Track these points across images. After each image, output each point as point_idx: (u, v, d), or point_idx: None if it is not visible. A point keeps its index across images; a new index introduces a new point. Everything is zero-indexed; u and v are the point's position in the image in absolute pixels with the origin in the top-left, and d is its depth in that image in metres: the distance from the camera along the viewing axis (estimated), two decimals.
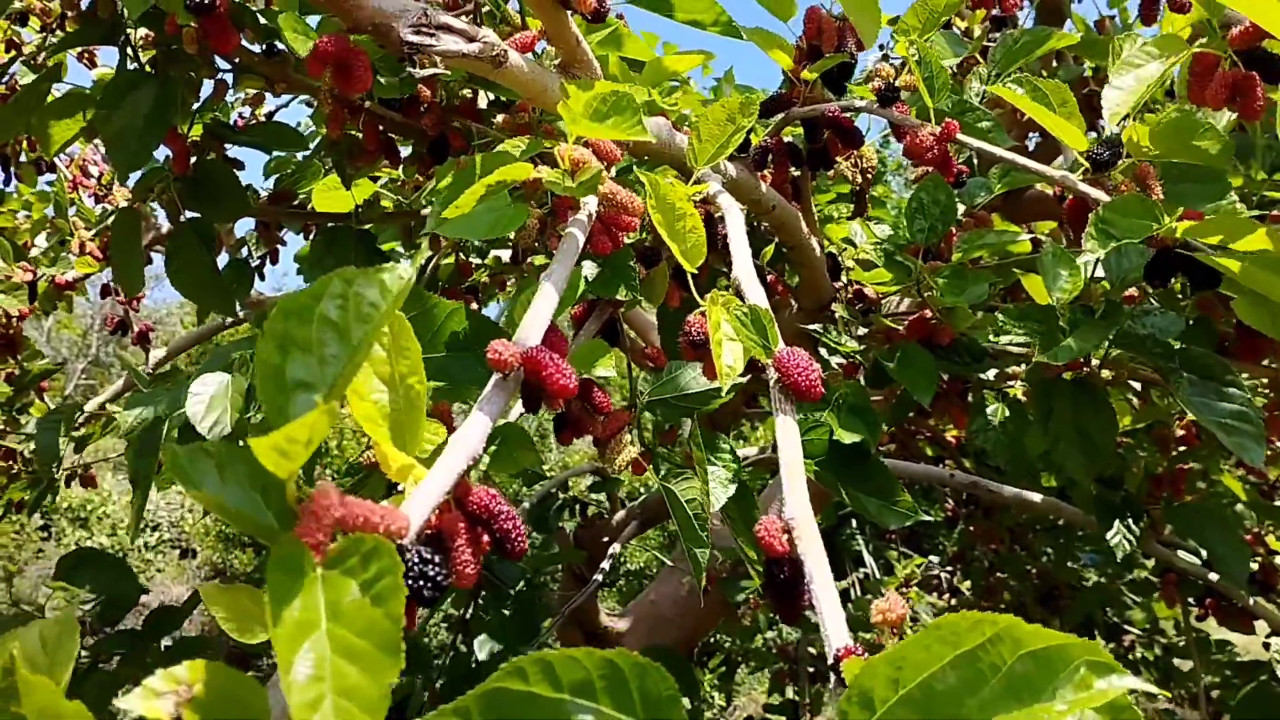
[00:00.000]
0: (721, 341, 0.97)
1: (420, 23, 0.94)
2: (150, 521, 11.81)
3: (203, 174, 1.61)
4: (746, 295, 1.03)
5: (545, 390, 0.82)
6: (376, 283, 0.67)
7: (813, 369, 0.89)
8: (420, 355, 0.75)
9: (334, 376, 0.64)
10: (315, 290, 0.66)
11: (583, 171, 1.00)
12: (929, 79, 1.27)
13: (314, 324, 0.66)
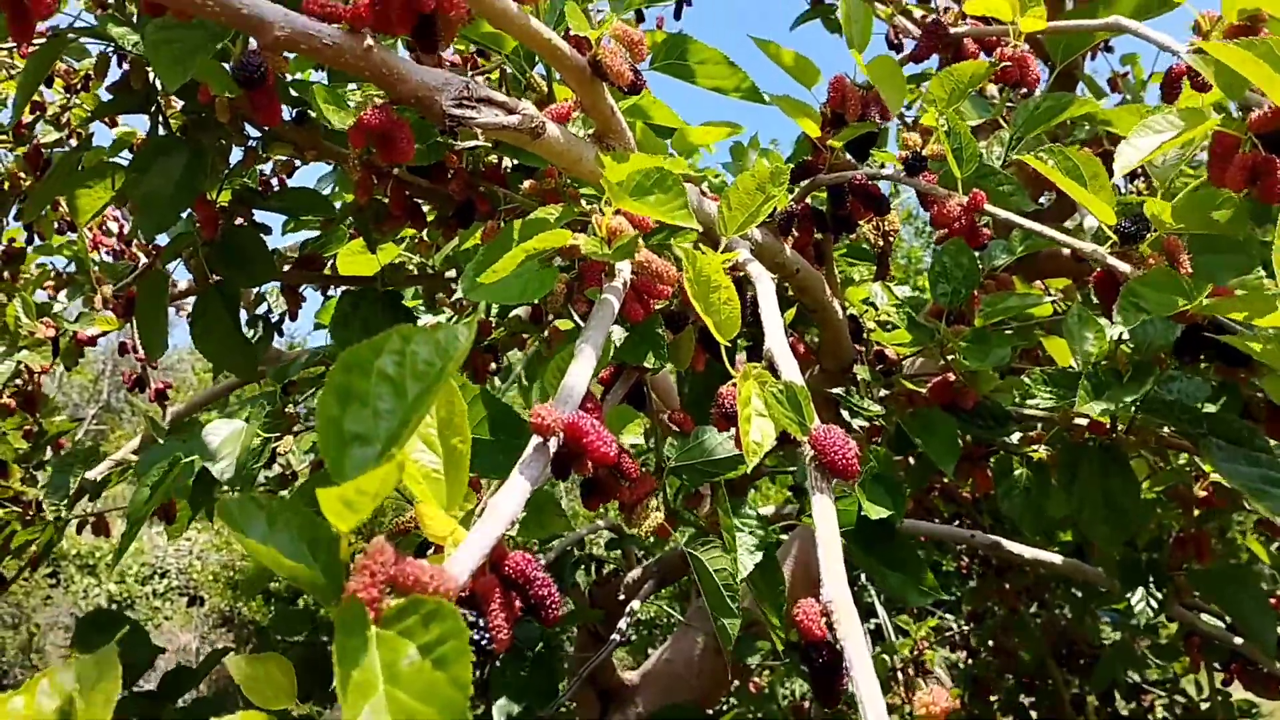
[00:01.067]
0: (750, 418, 0.97)
1: (462, 96, 0.95)
2: (158, 569, 11.76)
3: (231, 239, 1.63)
4: (780, 368, 1.03)
5: (585, 457, 0.82)
6: (433, 342, 0.68)
7: (849, 448, 0.89)
8: (466, 416, 0.75)
9: (389, 432, 0.65)
10: (375, 344, 0.67)
11: (619, 238, 1.01)
12: (957, 150, 1.28)
13: (372, 378, 0.66)
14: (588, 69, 1.09)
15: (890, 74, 1.44)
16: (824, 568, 0.81)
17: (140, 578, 11.84)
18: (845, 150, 1.56)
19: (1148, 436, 1.59)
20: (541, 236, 0.98)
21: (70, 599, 11.26)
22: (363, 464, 0.64)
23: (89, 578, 11.37)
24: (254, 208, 1.69)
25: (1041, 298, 1.80)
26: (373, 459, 0.64)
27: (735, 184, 1.19)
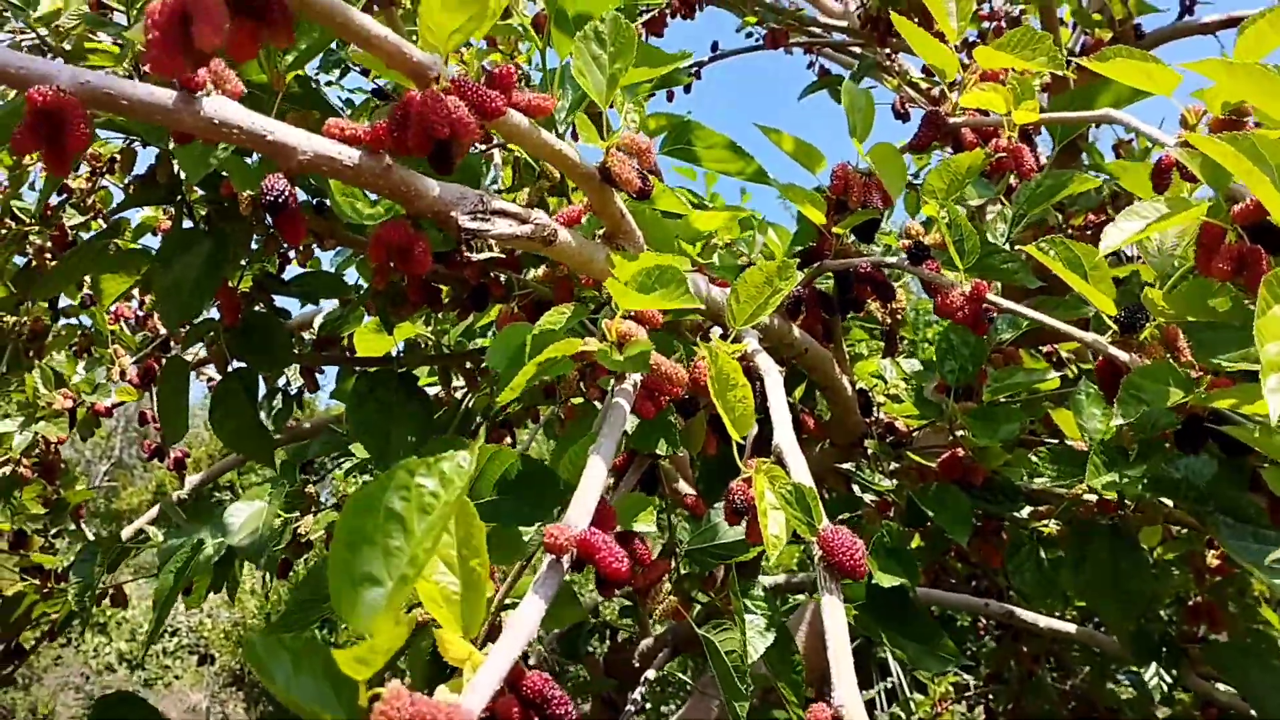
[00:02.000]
0: (767, 511, 1.00)
1: (476, 209, 0.99)
2: (169, 627, 11.72)
3: (251, 325, 1.67)
4: (788, 465, 1.06)
5: (597, 572, 0.85)
6: (437, 474, 0.71)
7: (857, 548, 0.91)
8: (484, 535, 0.77)
9: (399, 570, 0.67)
10: (382, 482, 0.70)
11: (630, 346, 1.04)
12: (959, 241, 1.31)
13: (380, 516, 0.69)
14: (597, 176, 1.13)
15: (891, 161, 1.48)
16: (834, 670, 0.83)
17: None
18: (850, 233, 1.60)
19: (1155, 514, 1.60)
20: (553, 348, 1.01)
21: (81, 658, 11.24)
22: (374, 606, 0.66)
23: (99, 636, 11.34)
24: (273, 293, 1.73)
25: (1048, 372, 1.82)
26: (383, 600, 0.66)
27: (744, 277, 1.22)
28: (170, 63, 0.65)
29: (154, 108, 0.84)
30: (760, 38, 3.39)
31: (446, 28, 0.90)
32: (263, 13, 0.67)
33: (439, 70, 0.91)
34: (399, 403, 1.68)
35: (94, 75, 0.83)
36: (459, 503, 0.69)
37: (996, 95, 1.32)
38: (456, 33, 0.90)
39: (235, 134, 0.87)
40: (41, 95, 0.78)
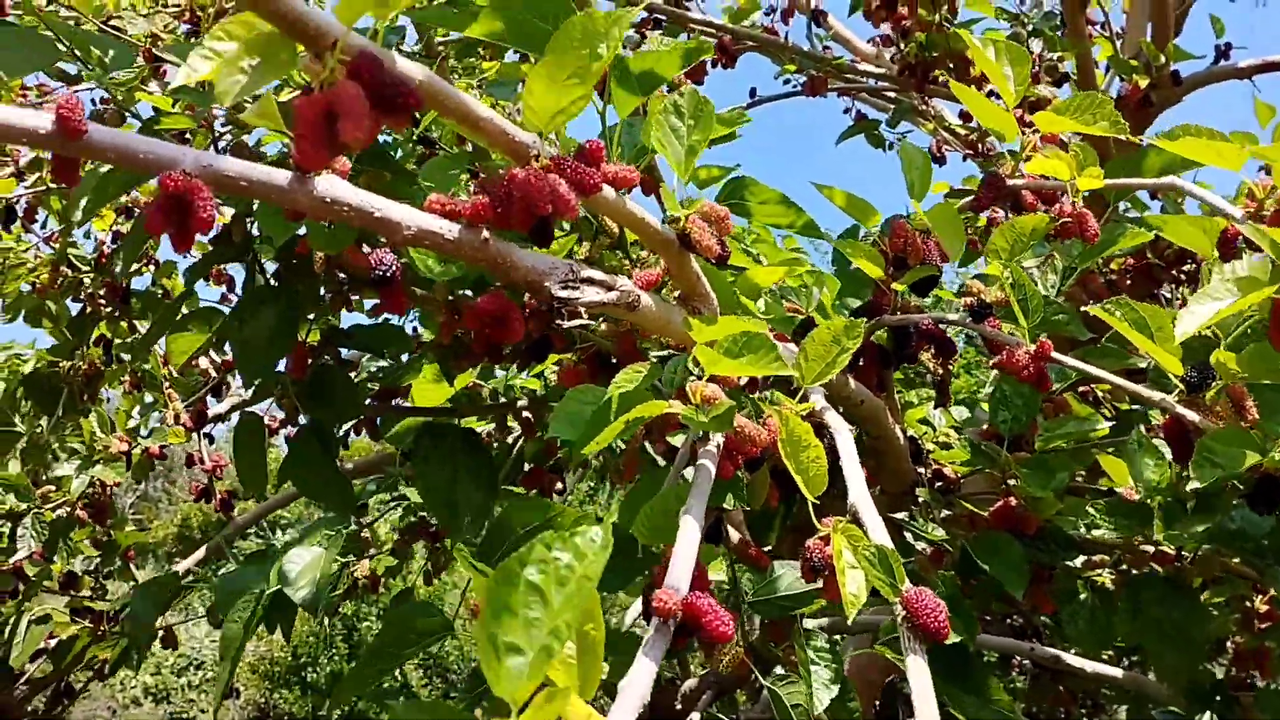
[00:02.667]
0: (845, 570, 1.03)
1: (567, 278, 1.02)
2: (194, 660, 11.73)
3: (319, 378, 1.71)
4: (866, 525, 1.09)
5: (703, 635, 0.88)
6: (572, 548, 0.74)
7: (941, 611, 0.93)
8: (599, 604, 0.80)
9: (540, 641, 0.70)
10: (521, 555, 0.73)
11: (715, 408, 1.07)
12: (1022, 301, 1.34)
13: (520, 589, 0.72)
14: (676, 242, 1.16)
15: (950, 221, 1.51)
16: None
17: (176, 669, 11.78)
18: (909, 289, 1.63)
19: (1212, 565, 1.61)
20: (641, 408, 1.05)
21: (108, 691, 11.26)
22: (518, 674, 0.69)
23: (126, 669, 11.38)
24: (340, 346, 1.77)
25: (1098, 421, 1.84)
26: (526, 669, 0.70)
27: (812, 336, 1.25)
28: (317, 158, 0.70)
29: (271, 188, 0.89)
30: (797, 84, 3.45)
31: (550, 109, 0.94)
32: (399, 108, 0.71)
33: (538, 149, 0.95)
34: (464, 460, 1.72)
35: (216, 158, 0.88)
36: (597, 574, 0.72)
37: (1061, 163, 1.35)
38: (559, 114, 0.94)
39: (345, 211, 0.91)
40: (173, 181, 0.83)
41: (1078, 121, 1.39)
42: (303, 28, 0.69)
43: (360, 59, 0.71)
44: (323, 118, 0.69)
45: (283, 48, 0.70)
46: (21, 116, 0.83)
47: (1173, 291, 2.73)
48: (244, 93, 0.69)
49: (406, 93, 0.70)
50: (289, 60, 0.70)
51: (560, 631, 0.71)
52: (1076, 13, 2.88)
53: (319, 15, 0.70)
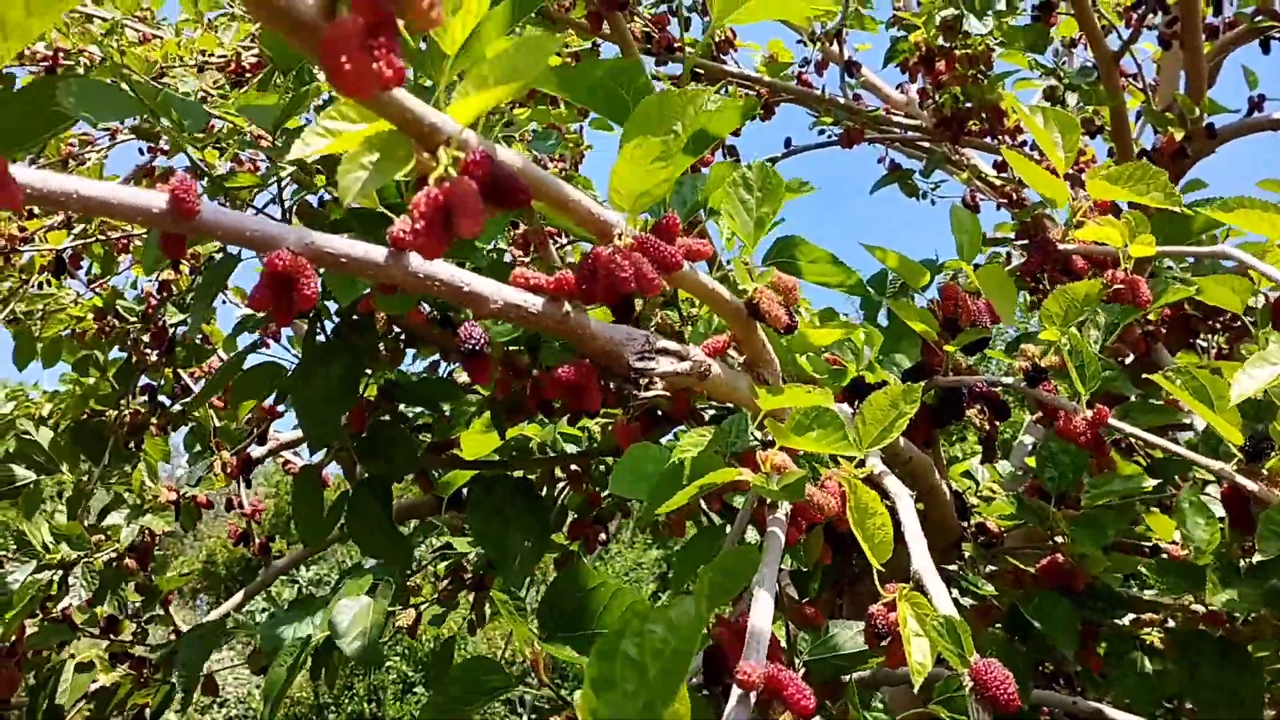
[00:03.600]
0: (910, 639, 1.04)
1: (644, 350, 1.05)
2: (218, 698, 11.72)
3: (376, 433, 1.74)
4: (931, 594, 1.10)
5: (785, 707, 0.90)
6: (665, 621, 0.77)
7: (1010, 683, 0.95)
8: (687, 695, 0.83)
9: (636, 713, 0.73)
10: (618, 629, 0.76)
11: (786, 478, 1.09)
12: (1080, 366, 1.36)
13: (617, 662, 0.75)
14: (744, 311, 1.19)
15: (1001, 284, 1.54)
16: None
17: (200, 706, 11.75)
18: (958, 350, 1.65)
19: (1265, 627, 1.62)
20: (714, 475, 1.07)
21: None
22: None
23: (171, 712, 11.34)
24: (396, 400, 1.80)
25: (1145, 479, 1.85)
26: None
27: (870, 400, 1.27)
28: (435, 250, 0.73)
29: (368, 264, 0.92)
30: (832, 134, 3.49)
31: (635, 191, 0.97)
32: (510, 202, 0.74)
33: (622, 228, 0.98)
34: (514, 508, 1.74)
35: (317, 236, 0.91)
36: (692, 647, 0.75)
37: (1114, 230, 1.38)
38: (643, 196, 0.98)
39: (437, 286, 0.95)
40: (280, 261, 0.86)
41: (1131, 191, 1.41)
42: (420, 126, 0.73)
43: (474, 156, 0.74)
44: (441, 213, 0.72)
45: (400, 145, 0.73)
46: (136, 196, 0.87)
47: (1209, 341, 2.75)
48: (366, 188, 0.72)
49: (518, 189, 0.73)
50: (406, 156, 0.74)
51: (655, 705, 0.73)
52: (1111, 66, 2.91)
53: (435, 115, 0.73)
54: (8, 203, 0.79)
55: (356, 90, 0.58)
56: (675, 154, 0.99)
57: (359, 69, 0.57)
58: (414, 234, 0.72)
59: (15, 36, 0.81)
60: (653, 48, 2.71)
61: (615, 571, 11.24)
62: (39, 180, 0.82)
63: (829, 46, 3.63)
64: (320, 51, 0.59)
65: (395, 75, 0.59)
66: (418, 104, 0.73)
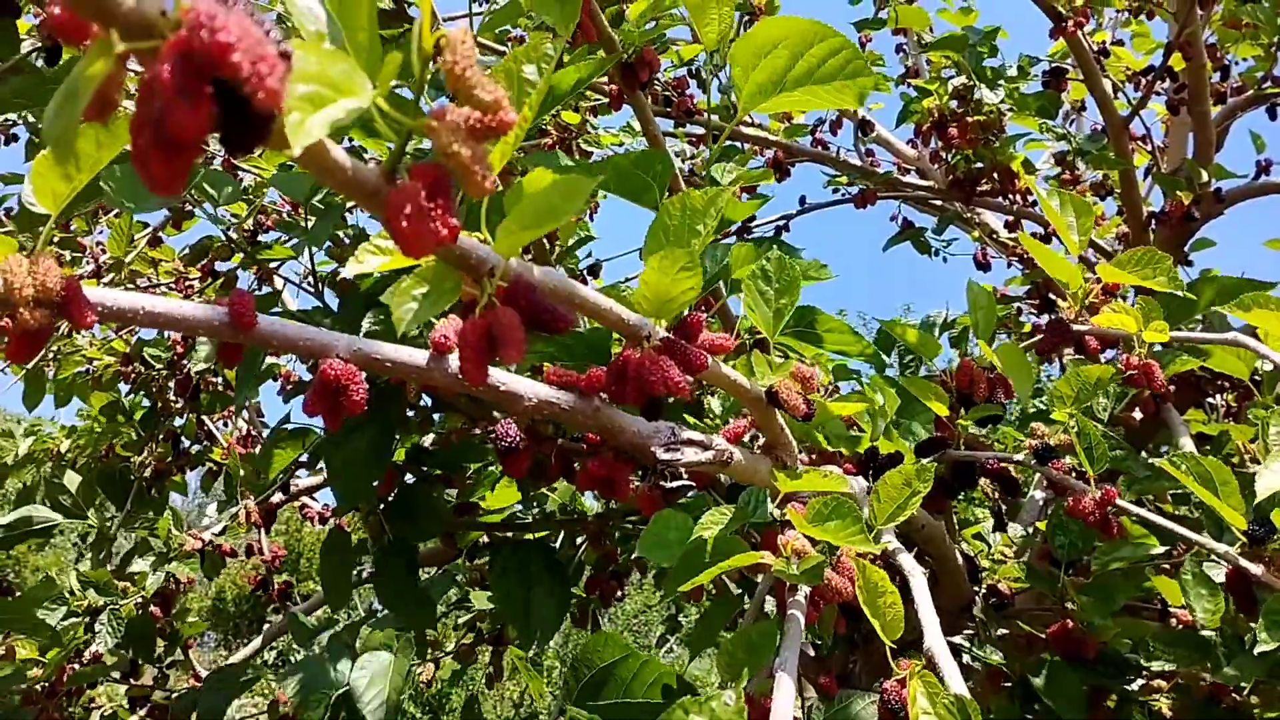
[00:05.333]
0: (919, 716, 1.09)
1: (669, 441, 1.11)
2: None
3: (404, 496, 1.80)
4: (941, 668, 1.15)
5: None
6: (708, 713, 0.82)
7: None
8: None
9: None
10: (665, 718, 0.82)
11: (805, 562, 1.14)
12: (1088, 449, 1.41)
13: None
14: (764, 399, 1.25)
15: (1018, 362, 1.59)
16: None
17: None
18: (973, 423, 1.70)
19: (1273, 698, 1.65)
20: (737, 559, 1.12)
21: None
22: None
23: None
24: (423, 465, 1.85)
25: (1153, 545, 1.89)
26: None
27: (885, 480, 1.32)
28: (479, 375, 0.78)
29: (411, 368, 0.98)
30: (845, 192, 3.56)
31: (662, 297, 1.03)
32: (550, 329, 0.79)
33: (650, 330, 1.04)
34: (538, 573, 1.79)
35: (365, 343, 0.97)
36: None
37: (1129, 317, 1.42)
38: (670, 302, 1.03)
39: (477, 387, 1.00)
40: (333, 370, 0.92)
41: (1138, 276, 1.47)
42: (468, 260, 0.78)
43: (515, 286, 0.80)
44: (484, 339, 0.77)
45: (448, 277, 0.79)
46: (199, 311, 0.93)
47: (1216, 400, 2.79)
48: (416, 320, 0.78)
49: (558, 317, 0.79)
50: (453, 289, 0.79)
51: None
52: (1120, 130, 2.97)
53: (482, 249, 0.79)
54: (80, 323, 0.85)
55: (416, 250, 0.64)
56: (698, 265, 1.05)
57: (418, 230, 0.63)
58: (461, 360, 0.77)
59: (86, 168, 0.88)
60: (672, 111, 2.77)
61: (625, 613, 11.22)
62: (110, 299, 0.88)
63: None
64: (384, 215, 0.65)
65: (450, 234, 0.64)
66: (467, 240, 0.78)
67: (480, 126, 0.62)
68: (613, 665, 1.41)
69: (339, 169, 0.63)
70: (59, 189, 0.87)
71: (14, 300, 0.82)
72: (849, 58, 1.37)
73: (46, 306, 0.83)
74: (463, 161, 0.61)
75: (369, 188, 0.65)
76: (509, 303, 0.79)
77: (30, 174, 0.87)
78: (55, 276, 0.83)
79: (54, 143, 0.52)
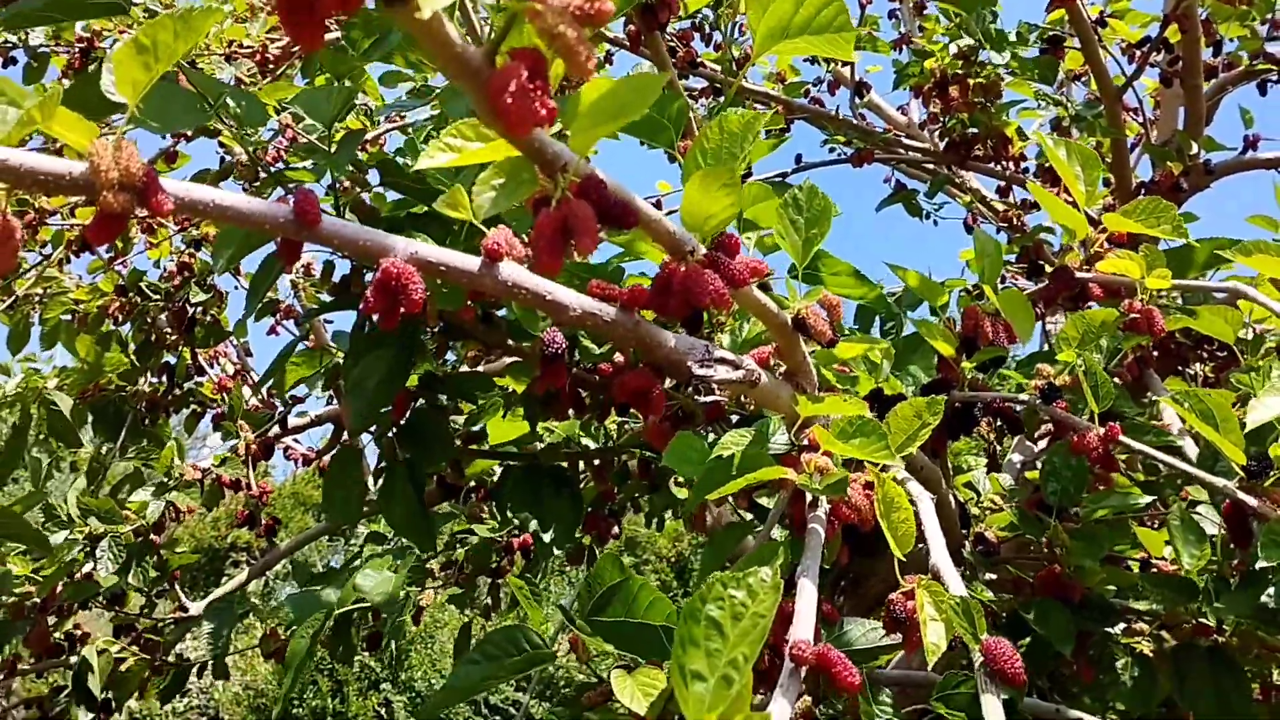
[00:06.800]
0: (927, 622, 1.15)
1: (704, 358, 1.15)
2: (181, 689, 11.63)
3: (416, 421, 1.83)
4: (946, 581, 1.21)
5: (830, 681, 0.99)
6: (745, 587, 0.87)
7: (1017, 659, 1.06)
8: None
9: (720, 670, 0.83)
10: (703, 594, 0.86)
11: (828, 477, 1.20)
12: (1094, 387, 1.46)
13: (702, 624, 0.85)
14: (790, 324, 1.29)
15: (1020, 307, 1.64)
16: None
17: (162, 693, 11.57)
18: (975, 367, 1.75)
19: (1251, 639, 1.72)
20: (764, 471, 1.17)
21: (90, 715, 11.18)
22: (702, 698, 0.82)
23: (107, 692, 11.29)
24: (436, 391, 1.89)
25: (1139, 495, 1.96)
26: (708, 694, 0.82)
27: (896, 411, 1.37)
28: (553, 266, 0.82)
29: (464, 272, 1.01)
30: (841, 152, 3.60)
31: (704, 214, 1.07)
32: (619, 223, 0.83)
33: (693, 245, 1.08)
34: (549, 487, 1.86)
35: (421, 246, 1.00)
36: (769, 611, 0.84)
37: (1132, 263, 1.48)
38: (711, 218, 1.07)
39: (523, 294, 1.04)
40: (395, 268, 0.95)
41: (1143, 225, 1.52)
42: (544, 155, 0.82)
43: (588, 181, 0.83)
44: (559, 231, 0.81)
45: (525, 169, 0.82)
46: (266, 207, 0.96)
47: (1197, 370, 2.86)
48: (495, 208, 0.81)
49: (628, 211, 0.83)
50: (530, 180, 0.83)
51: (738, 662, 0.83)
52: (1114, 101, 3.02)
53: (555, 144, 0.83)
54: (157, 209, 0.88)
55: (518, 127, 0.67)
56: (738, 184, 1.08)
57: (520, 108, 0.66)
58: (535, 250, 0.81)
59: (164, 58, 0.90)
60: (677, 62, 2.80)
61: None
62: (183, 190, 0.90)
63: (839, 67, 3.75)
64: (486, 92, 0.68)
65: (549, 115, 0.68)
66: (543, 135, 0.82)
67: (582, 12, 0.66)
68: (617, 586, 1.45)
69: (449, 44, 0.66)
70: (139, 78, 0.89)
71: (100, 183, 0.85)
72: (838, 10, 1.41)
73: (129, 191, 0.86)
74: (568, 42, 0.65)
75: (473, 66, 0.68)
76: (582, 197, 0.82)
77: (111, 63, 0.89)
78: (138, 162, 0.86)
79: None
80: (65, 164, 0.85)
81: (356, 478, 1.84)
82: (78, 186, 0.84)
